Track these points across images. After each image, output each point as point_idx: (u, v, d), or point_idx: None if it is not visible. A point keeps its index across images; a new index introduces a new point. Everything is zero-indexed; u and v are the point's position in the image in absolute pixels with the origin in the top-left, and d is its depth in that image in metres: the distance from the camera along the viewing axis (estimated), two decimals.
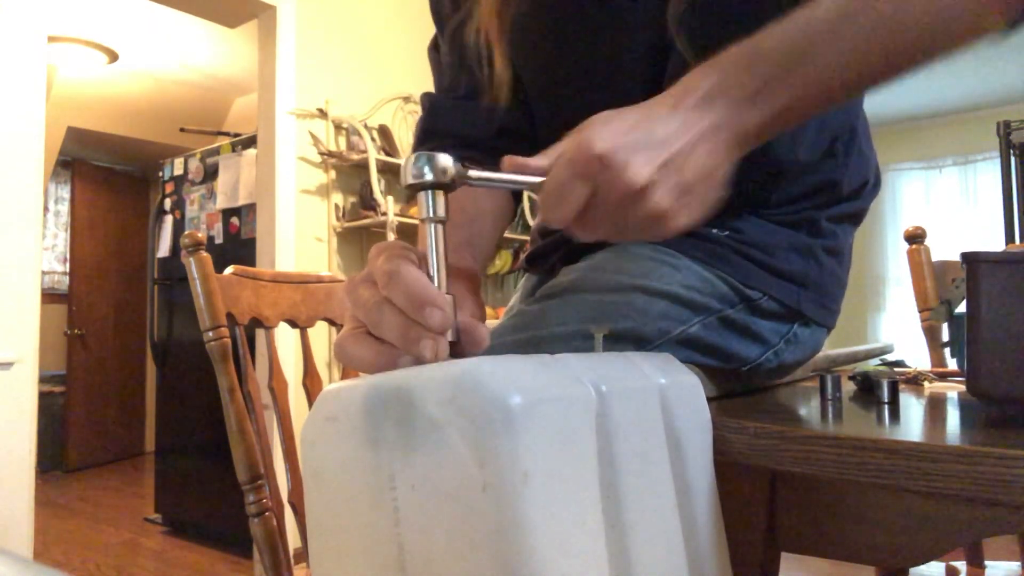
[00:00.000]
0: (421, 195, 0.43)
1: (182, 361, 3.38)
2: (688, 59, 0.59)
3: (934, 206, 5.53)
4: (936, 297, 1.32)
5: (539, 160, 0.45)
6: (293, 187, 2.83)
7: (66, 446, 4.76)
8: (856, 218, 0.76)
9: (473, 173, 0.43)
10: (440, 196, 0.43)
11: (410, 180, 0.43)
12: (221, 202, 3.23)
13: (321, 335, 2.85)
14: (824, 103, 0.49)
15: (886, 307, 5.71)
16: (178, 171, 3.51)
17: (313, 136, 2.90)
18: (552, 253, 0.82)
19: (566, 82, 0.74)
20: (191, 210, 3.41)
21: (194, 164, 3.42)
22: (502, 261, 3.52)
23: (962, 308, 0.75)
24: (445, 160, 0.43)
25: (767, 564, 0.59)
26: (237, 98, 4.98)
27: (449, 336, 0.42)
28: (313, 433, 0.42)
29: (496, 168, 0.45)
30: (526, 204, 3.77)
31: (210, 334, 0.90)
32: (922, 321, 1.33)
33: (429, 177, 0.43)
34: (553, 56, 0.73)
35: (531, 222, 3.64)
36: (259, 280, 0.99)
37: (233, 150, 3.24)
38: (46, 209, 5.35)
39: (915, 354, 1.08)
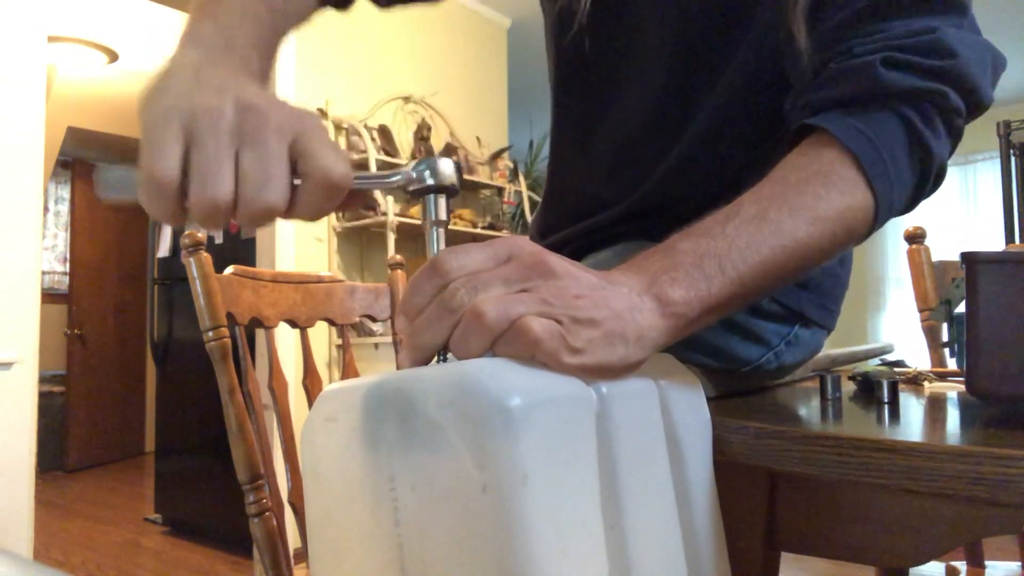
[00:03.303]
0: (423, 199, 0.45)
1: (182, 361, 3.38)
2: (806, 53, 0.58)
3: (934, 206, 5.53)
4: (936, 297, 1.32)
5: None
6: None
7: (66, 446, 4.76)
8: None
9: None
10: (442, 200, 0.44)
11: (414, 186, 0.44)
12: None
13: (321, 335, 2.85)
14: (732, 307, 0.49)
15: (886, 307, 5.71)
16: None
17: None
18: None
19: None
20: None
21: None
22: None
23: (962, 308, 0.75)
24: (445, 165, 0.44)
25: (767, 564, 0.59)
26: None
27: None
28: (313, 433, 0.42)
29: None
30: (526, 204, 3.77)
31: (210, 334, 0.90)
32: (922, 321, 1.33)
33: (431, 182, 0.44)
34: None
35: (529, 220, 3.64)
36: (259, 280, 0.99)
37: None
38: (46, 209, 5.35)
39: (915, 354, 1.08)
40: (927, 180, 0.55)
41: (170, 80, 0.41)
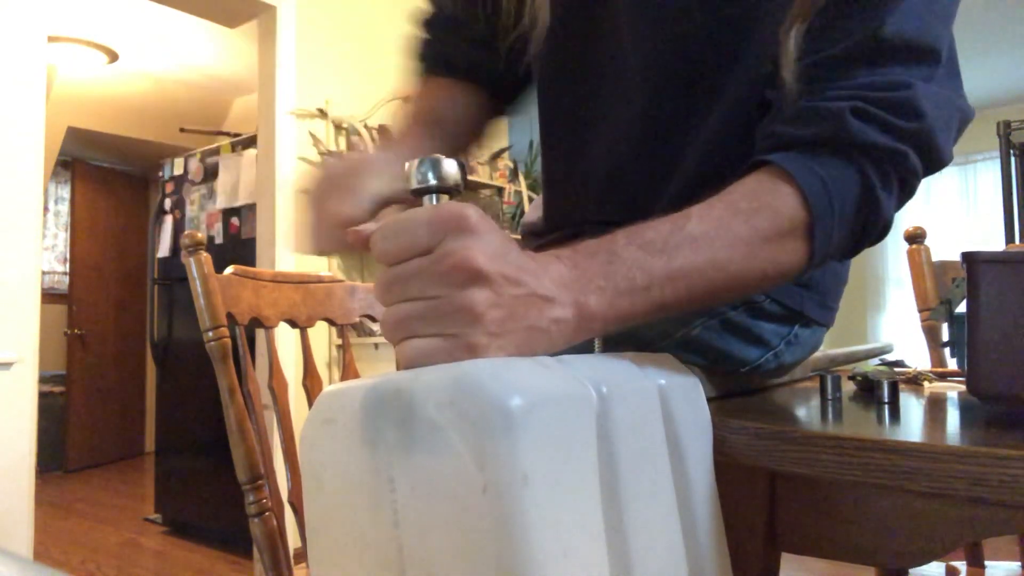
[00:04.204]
0: (425, 199, 0.43)
1: (182, 361, 3.38)
2: (788, 82, 0.58)
3: (934, 206, 5.53)
4: (936, 297, 1.32)
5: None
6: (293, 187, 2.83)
7: (66, 446, 4.76)
8: None
9: None
10: (444, 200, 0.43)
11: (414, 185, 0.43)
12: (221, 202, 3.22)
13: (321, 335, 2.85)
14: (656, 313, 0.50)
15: (886, 307, 5.71)
16: (178, 171, 3.51)
17: (313, 136, 2.90)
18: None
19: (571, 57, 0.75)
20: (191, 210, 3.40)
21: (194, 164, 3.42)
22: None
23: (962, 308, 0.75)
24: (449, 165, 0.42)
25: (767, 564, 0.59)
26: (237, 98, 4.97)
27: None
28: (312, 434, 0.42)
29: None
30: (526, 204, 3.77)
31: (210, 334, 0.90)
32: (922, 321, 1.33)
33: (433, 182, 0.42)
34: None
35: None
36: (259, 280, 0.99)
37: (233, 150, 3.24)
38: (46, 209, 5.35)
39: (915, 354, 1.08)
40: (869, 236, 0.57)
41: None
